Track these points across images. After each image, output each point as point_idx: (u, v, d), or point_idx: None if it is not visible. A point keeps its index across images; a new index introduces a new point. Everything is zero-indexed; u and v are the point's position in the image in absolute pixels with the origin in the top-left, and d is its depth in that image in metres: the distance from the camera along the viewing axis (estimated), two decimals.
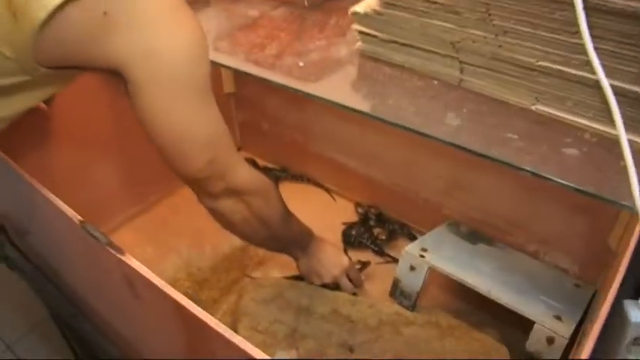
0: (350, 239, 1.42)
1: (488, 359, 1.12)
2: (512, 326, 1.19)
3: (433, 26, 0.95)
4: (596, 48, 0.79)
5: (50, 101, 1.18)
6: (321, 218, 1.49)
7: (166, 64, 0.71)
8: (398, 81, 1.00)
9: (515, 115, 0.92)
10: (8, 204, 1.13)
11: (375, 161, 1.44)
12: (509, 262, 1.24)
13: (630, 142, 0.79)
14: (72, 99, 1.14)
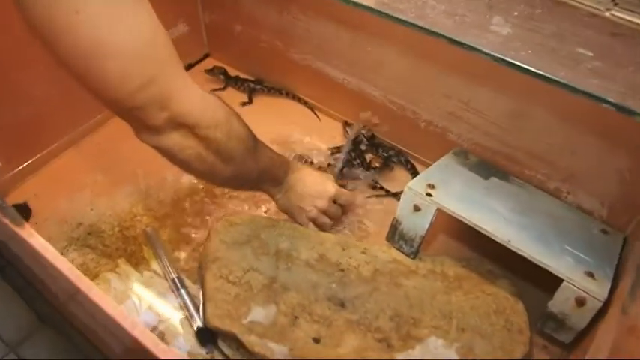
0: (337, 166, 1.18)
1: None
2: (528, 278, 1.00)
3: None
4: None
5: None
6: (303, 140, 1.25)
7: None
8: None
9: (581, 23, 0.66)
10: None
11: (369, 73, 1.17)
12: (527, 202, 1.02)
13: None
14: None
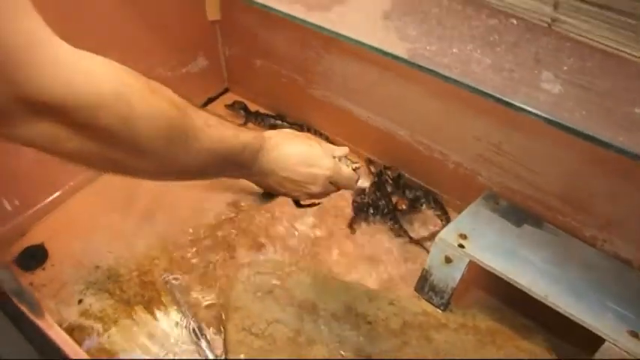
0: (361, 207, 1.12)
1: None
2: (564, 333, 0.93)
3: None
4: None
5: None
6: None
7: None
8: (460, 17, 0.67)
9: (637, 77, 0.60)
10: None
11: (395, 111, 1.12)
12: (561, 252, 0.96)
13: None
14: None
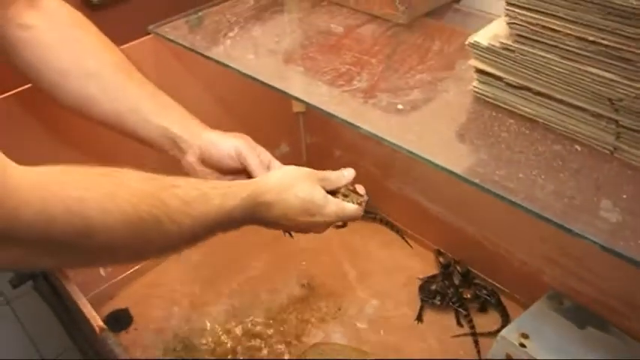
0: (430, 295, 1.16)
1: None
2: None
3: (587, 75, 0.68)
4: None
5: None
6: (394, 267, 1.24)
7: None
8: (527, 141, 0.73)
9: None
10: None
11: (465, 209, 1.16)
12: (627, 357, 0.96)
13: None
14: None
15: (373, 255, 1.27)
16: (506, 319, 1.12)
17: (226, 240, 0.68)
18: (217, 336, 1.11)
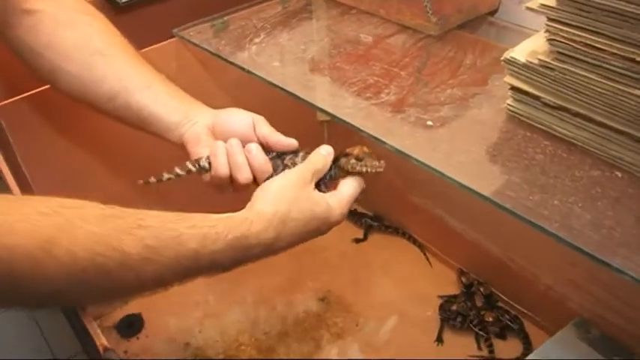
0: (450, 315, 1.12)
1: None
2: None
3: (631, 97, 0.63)
4: None
5: None
6: (414, 284, 1.20)
7: None
8: (563, 165, 0.69)
9: None
10: None
11: (490, 228, 1.12)
12: None
13: None
14: None
15: (393, 271, 1.23)
16: (528, 347, 1.08)
17: None
18: (230, 348, 1.08)
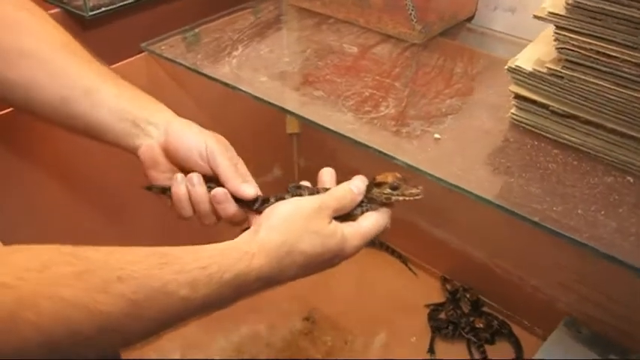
0: (441, 325, 1.11)
1: None
2: None
3: None
4: None
5: None
6: (398, 296, 1.19)
7: None
8: (576, 173, 0.69)
9: None
10: None
11: (472, 233, 1.12)
12: None
13: None
14: None
15: (376, 284, 1.21)
16: (519, 350, 1.08)
17: None
18: None
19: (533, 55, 0.72)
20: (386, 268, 1.24)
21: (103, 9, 0.86)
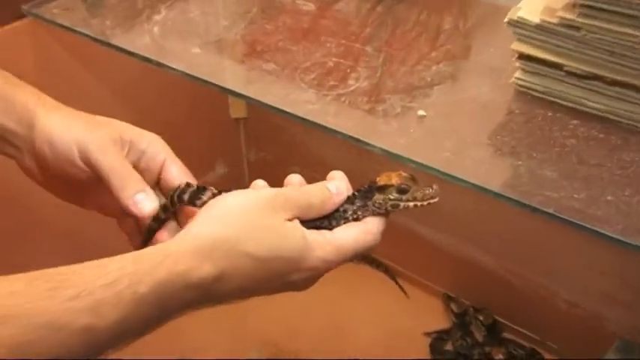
0: (447, 358, 1.13)
1: None
2: None
3: None
4: None
5: None
6: (387, 321, 1.20)
7: None
8: (603, 148, 0.71)
9: None
10: None
11: (481, 237, 1.14)
12: None
13: None
14: None
15: (357, 306, 1.22)
16: None
17: None
18: None
19: (539, 3, 0.74)
20: (369, 287, 1.25)
21: None
